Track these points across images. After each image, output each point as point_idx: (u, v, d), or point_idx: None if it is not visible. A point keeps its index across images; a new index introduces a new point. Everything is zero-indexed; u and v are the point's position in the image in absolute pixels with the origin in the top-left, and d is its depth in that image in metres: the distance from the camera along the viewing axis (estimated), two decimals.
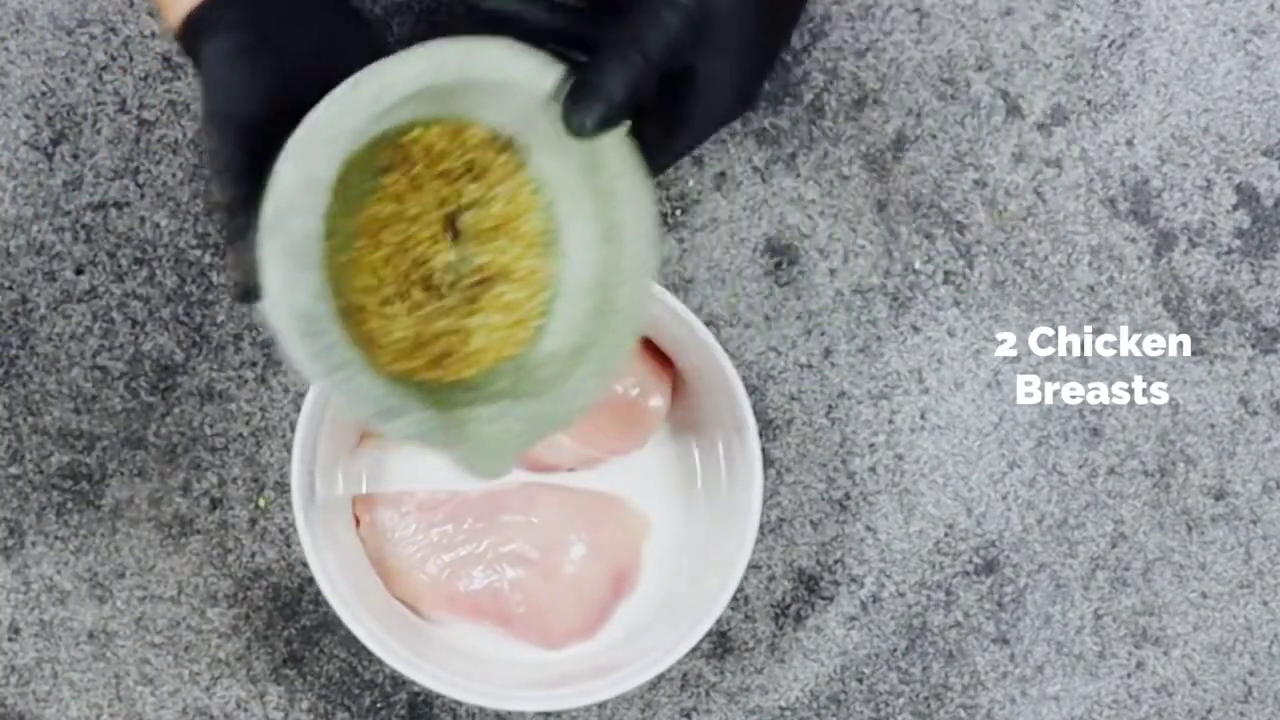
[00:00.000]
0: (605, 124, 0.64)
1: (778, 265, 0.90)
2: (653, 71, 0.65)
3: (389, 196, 0.66)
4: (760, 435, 0.86)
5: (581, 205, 0.68)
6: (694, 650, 0.88)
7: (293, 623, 0.89)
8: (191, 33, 0.66)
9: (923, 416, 0.91)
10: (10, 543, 0.88)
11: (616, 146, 0.66)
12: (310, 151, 0.59)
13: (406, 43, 0.87)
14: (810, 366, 0.91)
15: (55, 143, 0.88)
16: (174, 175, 0.88)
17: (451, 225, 0.68)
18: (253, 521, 0.88)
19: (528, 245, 0.69)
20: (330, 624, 0.88)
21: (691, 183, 0.90)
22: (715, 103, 0.69)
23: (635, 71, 0.64)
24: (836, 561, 0.91)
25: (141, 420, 0.88)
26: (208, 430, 0.88)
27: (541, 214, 0.69)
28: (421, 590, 0.86)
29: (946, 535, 0.91)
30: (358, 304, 0.65)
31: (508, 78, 0.64)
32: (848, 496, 0.91)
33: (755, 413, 0.84)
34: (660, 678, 0.89)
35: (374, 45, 0.68)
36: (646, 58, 0.64)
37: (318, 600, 0.88)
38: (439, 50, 0.62)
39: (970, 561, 0.91)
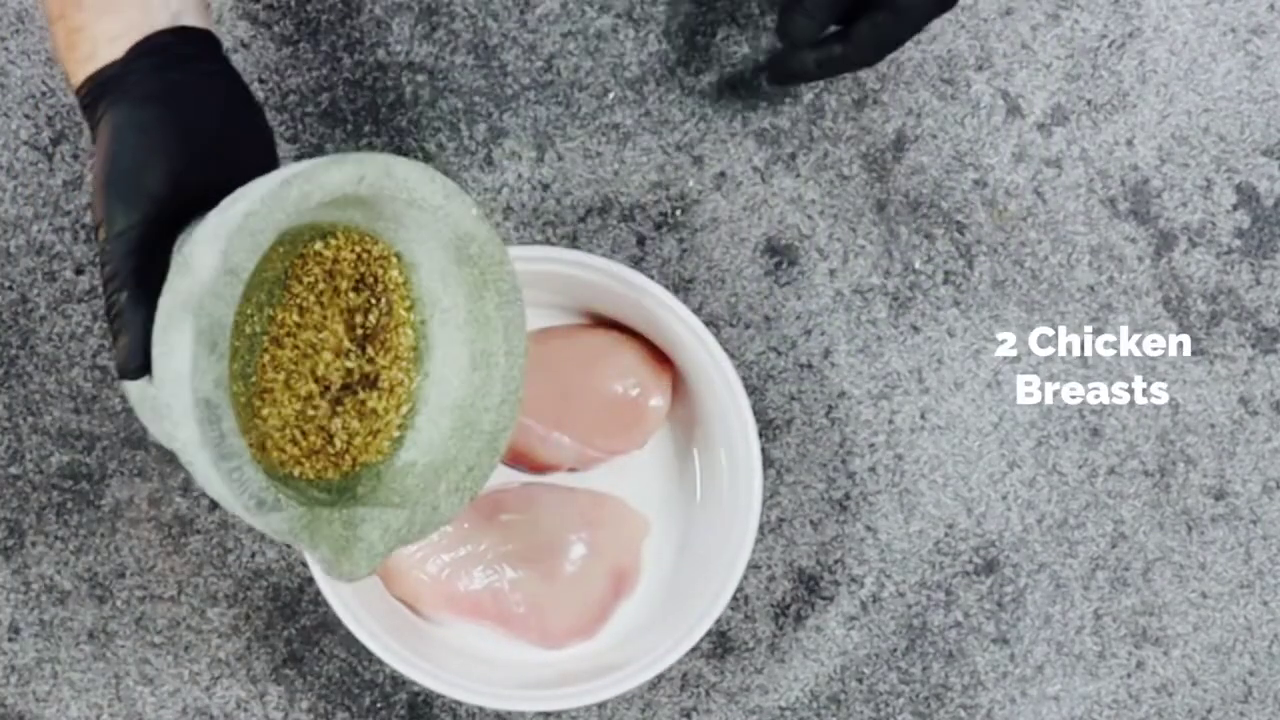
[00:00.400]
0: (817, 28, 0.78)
1: (778, 265, 0.90)
2: None
3: (294, 306, 0.68)
4: (760, 435, 0.86)
5: (456, 330, 0.71)
6: (694, 650, 0.88)
7: (293, 623, 0.89)
8: (98, 92, 0.66)
9: (923, 416, 0.91)
10: (10, 543, 0.88)
11: (501, 277, 0.69)
12: (236, 242, 0.60)
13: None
14: (810, 366, 0.91)
15: (55, 143, 0.88)
16: None
17: (358, 335, 0.70)
18: None
19: (395, 358, 0.71)
20: (330, 624, 0.88)
21: (691, 183, 0.90)
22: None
23: None
24: (836, 561, 0.91)
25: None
26: None
27: (413, 330, 0.71)
28: (421, 590, 0.86)
29: (946, 535, 0.91)
30: (250, 396, 0.67)
31: (418, 199, 0.66)
32: (848, 496, 0.91)
33: (755, 413, 0.84)
34: (660, 678, 0.89)
35: (265, 136, 0.68)
36: None
37: (318, 600, 0.88)
38: (362, 161, 0.64)
39: (970, 561, 0.91)
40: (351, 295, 0.69)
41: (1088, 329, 0.92)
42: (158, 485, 0.88)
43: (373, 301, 0.69)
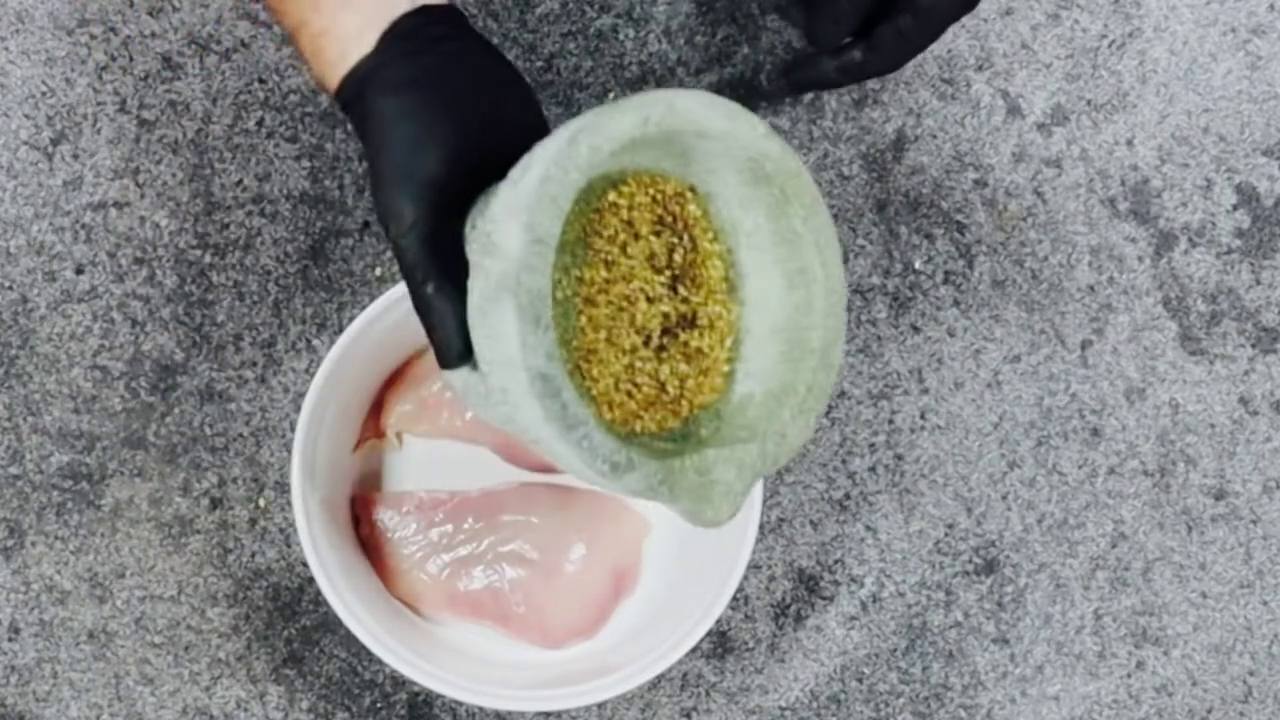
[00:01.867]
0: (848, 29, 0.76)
1: None
2: None
3: (599, 262, 0.66)
4: None
5: (764, 252, 0.69)
6: (694, 650, 0.88)
7: (293, 623, 0.89)
8: (356, 89, 0.65)
9: (923, 416, 0.91)
10: (10, 543, 0.88)
11: (802, 189, 0.67)
12: (538, 209, 0.59)
13: None
14: None
15: (55, 143, 0.88)
16: (174, 175, 0.88)
17: (668, 277, 0.68)
18: (253, 521, 0.88)
19: (709, 292, 0.69)
20: (330, 624, 0.88)
21: None
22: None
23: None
24: (836, 561, 0.91)
25: (141, 420, 0.88)
26: (208, 430, 0.88)
27: (721, 260, 0.69)
28: (421, 590, 0.86)
29: (946, 535, 0.91)
30: (576, 361, 0.65)
31: (704, 128, 0.64)
32: (848, 496, 0.91)
33: None
34: (660, 678, 0.89)
35: (527, 94, 0.68)
36: None
37: (318, 600, 0.88)
38: (644, 102, 0.62)
39: (970, 561, 0.91)
40: (653, 239, 0.67)
41: (1088, 329, 0.92)
42: (158, 485, 0.88)
43: (675, 240, 0.67)
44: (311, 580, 0.88)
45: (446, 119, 0.64)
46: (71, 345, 0.88)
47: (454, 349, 0.62)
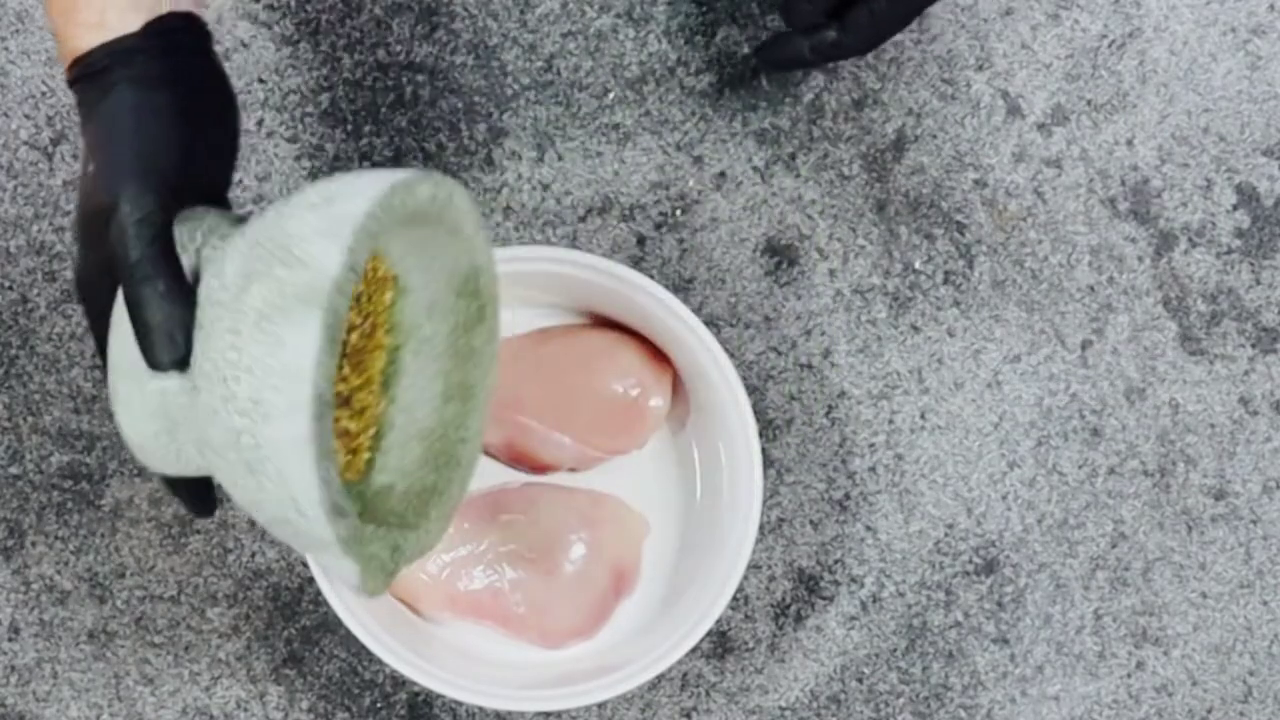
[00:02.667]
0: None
1: (778, 265, 0.90)
2: None
3: None
4: (760, 435, 0.86)
5: (431, 361, 0.70)
6: (694, 650, 0.88)
7: (293, 623, 0.89)
8: (105, 63, 0.64)
9: (923, 416, 0.91)
10: (10, 543, 0.88)
11: (497, 313, 0.69)
12: (360, 241, 0.59)
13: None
14: (810, 366, 0.91)
15: (55, 143, 0.88)
16: None
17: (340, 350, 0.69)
18: (253, 521, 0.88)
19: (367, 380, 0.70)
20: (330, 624, 0.88)
21: (691, 183, 0.90)
22: None
23: None
24: (836, 561, 0.91)
25: None
26: None
27: (385, 354, 0.70)
28: (421, 590, 0.86)
29: (946, 535, 0.91)
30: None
31: (458, 227, 0.66)
32: (848, 496, 0.91)
33: (755, 413, 0.84)
34: (660, 678, 0.89)
35: (237, 139, 0.68)
36: None
37: (318, 600, 0.88)
38: (440, 182, 0.63)
39: (970, 561, 0.91)
40: (351, 312, 0.68)
41: (1088, 329, 0.92)
42: (157, 485, 0.88)
43: (358, 321, 0.69)
44: (311, 580, 0.88)
45: (185, 127, 0.64)
46: (71, 345, 0.88)
47: (176, 351, 0.61)
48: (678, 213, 0.90)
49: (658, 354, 0.87)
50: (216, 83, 0.68)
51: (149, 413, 0.64)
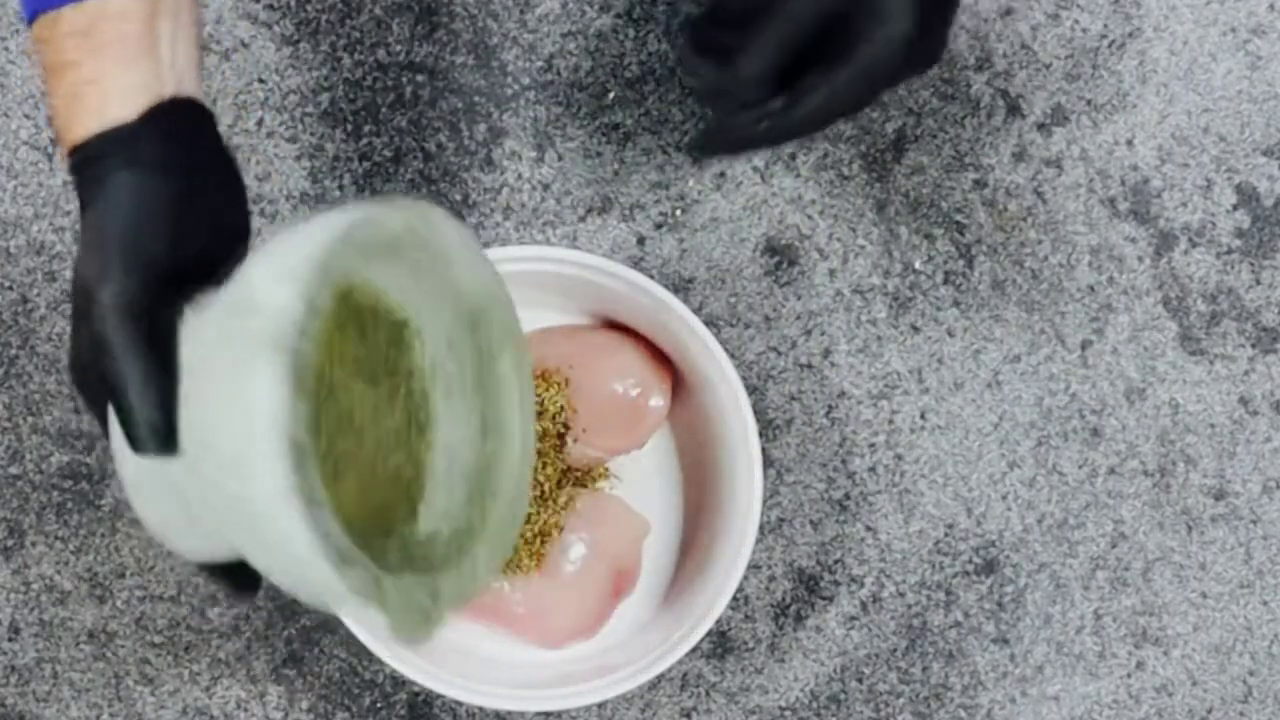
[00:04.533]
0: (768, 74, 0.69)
1: (778, 265, 0.90)
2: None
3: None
4: (760, 435, 0.86)
5: (462, 400, 0.68)
6: (694, 650, 0.88)
7: (293, 623, 0.89)
8: (104, 149, 0.64)
9: (923, 416, 0.91)
10: (10, 543, 0.88)
11: (511, 340, 0.68)
12: (316, 282, 0.57)
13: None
14: (810, 366, 0.91)
15: (55, 143, 0.88)
16: None
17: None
18: None
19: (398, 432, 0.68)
20: (330, 624, 0.88)
21: (691, 183, 0.90)
22: (880, 35, 0.68)
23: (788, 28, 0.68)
24: (836, 561, 0.91)
25: None
26: None
27: (411, 401, 0.68)
28: None
29: (946, 535, 0.91)
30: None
31: (446, 249, 0.64)
32: (848, 496, 0.91)
33: (755, 413, 0.84)
34: (660, 678, 0.89)
35: (247, 219, 0.68)
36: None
37: None
38: (409, 207, 0.62)
39: (970, 561, 0.91)
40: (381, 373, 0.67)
41: (1088, 329, 0.92)
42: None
43: (395, 381, 0.67)
44: None
45: (181, 210, 0.63)
46: None
47: (156, 435, 0.59)
48: (678, 213, 0.90)
49: (658, 354, 0.87)
50: (220, 164, 0.67)
51: (160, 493, 0.63)
